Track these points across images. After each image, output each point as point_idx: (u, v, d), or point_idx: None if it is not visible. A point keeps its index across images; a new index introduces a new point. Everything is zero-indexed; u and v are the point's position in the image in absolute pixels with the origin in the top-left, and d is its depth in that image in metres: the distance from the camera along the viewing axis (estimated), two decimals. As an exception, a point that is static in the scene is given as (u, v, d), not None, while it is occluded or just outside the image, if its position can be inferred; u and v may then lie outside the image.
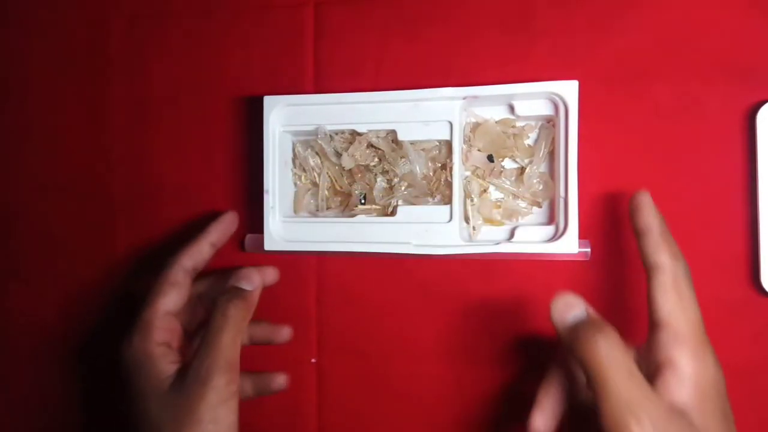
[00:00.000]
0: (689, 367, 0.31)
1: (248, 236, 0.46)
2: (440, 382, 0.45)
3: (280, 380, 0.46)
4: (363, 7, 0.46)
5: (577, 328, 0.31)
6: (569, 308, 0.32)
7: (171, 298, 0.40)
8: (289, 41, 0.47)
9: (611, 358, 0.30)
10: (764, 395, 0.41)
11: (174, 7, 0.49)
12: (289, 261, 0.47)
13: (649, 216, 0.35)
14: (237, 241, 0.47)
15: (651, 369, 0.32)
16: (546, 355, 0.39)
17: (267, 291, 0.44)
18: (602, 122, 0.42)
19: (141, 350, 0.39)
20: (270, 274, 0.45)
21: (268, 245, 0.42)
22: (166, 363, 0.38)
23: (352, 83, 0.46)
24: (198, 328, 0.43)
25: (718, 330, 0.41)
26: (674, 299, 0.32)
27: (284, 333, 0.46)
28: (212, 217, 0.45)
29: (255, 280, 0.40)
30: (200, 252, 0.42)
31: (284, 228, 0.43)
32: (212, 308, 0.39)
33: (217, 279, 0.45)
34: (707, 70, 0.41)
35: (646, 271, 0.34)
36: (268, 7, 0.47)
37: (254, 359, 0.46)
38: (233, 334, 0.37)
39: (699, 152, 0.41)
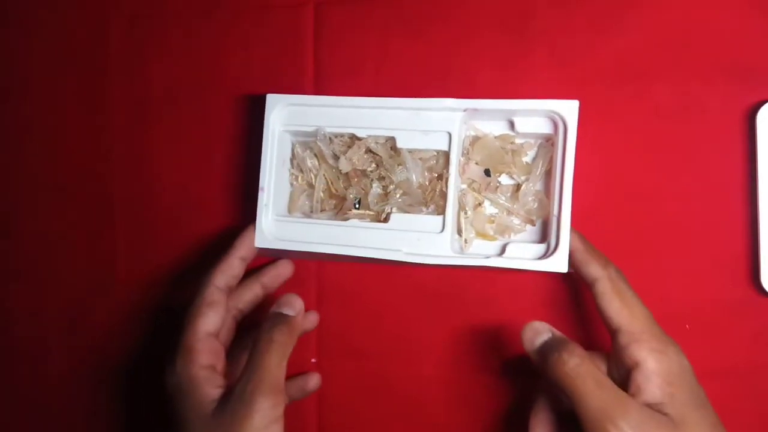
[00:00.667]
0: (652, 363, 0.32)
1: None
2: (439, 383, 0.45)
3: (315, 380, 0.46)
4: (363, 7, 0.46)
5: (545, 350, 0.33)
6: (537, 334, 0.34)
7: (210, 319, 0.39)
8: (289, 41, 0.47)
9: (578, 371, 0.31)
10: (764, 395, 0.41)
11: (174, 7, 0.49)
12: (290, 263, 0.47)
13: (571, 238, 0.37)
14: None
15: (622, 374, 0.33)
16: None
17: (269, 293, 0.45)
18: (602, 123, 0.42)
19: (185, 375, 0.37)
20: (286, 268, 0.45)
21: (259, 242, 0.42)
22: (210, 387, 0.37)
23: (352, 83, 0.46)
24: (234, 347, 0.42)
25: (718, 330, 0.41)
26: (618, 302, 0.34)
27: (313, 318, 0.46)
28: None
29: (297, 306, 0.39)
30: (231, 268, 0.41)
31: (276, 227, 0.43)
32: (256, 334, 0.38)
33: (248, 291, 0.44)
34: (707, 70, 0.41)
35: (587, 287, 0.36)
36: (268, 7, 0.47)
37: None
38: (279, 357, 0.37)
39: (699, 152, 0.41)
